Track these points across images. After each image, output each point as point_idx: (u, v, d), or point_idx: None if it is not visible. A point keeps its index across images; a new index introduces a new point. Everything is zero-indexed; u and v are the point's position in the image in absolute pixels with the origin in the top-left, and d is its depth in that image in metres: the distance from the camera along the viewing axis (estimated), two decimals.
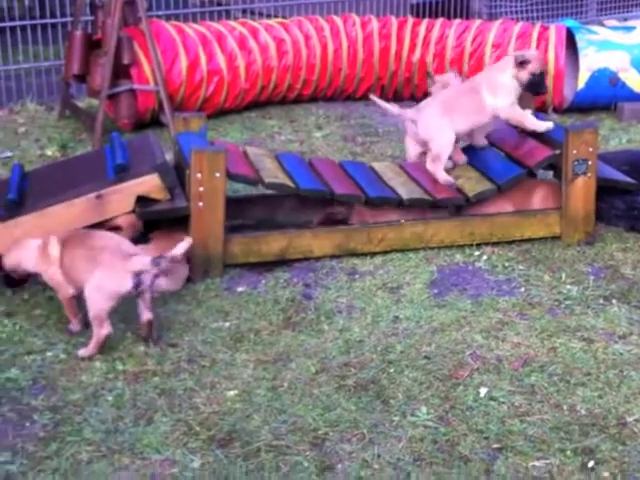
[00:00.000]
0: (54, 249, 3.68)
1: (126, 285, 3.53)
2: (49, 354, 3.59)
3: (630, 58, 6.98)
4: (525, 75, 4.66)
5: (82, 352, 3.57)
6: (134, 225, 4.05)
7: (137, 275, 3.53)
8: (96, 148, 5.85)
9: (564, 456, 2.98)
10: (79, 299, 3.71)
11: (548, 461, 2.96)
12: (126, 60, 6.34)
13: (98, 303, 3.53)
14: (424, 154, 4.89)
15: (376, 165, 5.05)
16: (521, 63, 4.64)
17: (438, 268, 4.39)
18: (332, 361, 3.56)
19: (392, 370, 3.49)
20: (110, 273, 3.53)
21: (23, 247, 3.78)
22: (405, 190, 4.66)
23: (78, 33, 6.50)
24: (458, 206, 4.70)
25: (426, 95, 7.38)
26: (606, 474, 2.89)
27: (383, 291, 4.16)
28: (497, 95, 4.70)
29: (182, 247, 3.66)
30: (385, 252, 4.50)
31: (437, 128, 4.74)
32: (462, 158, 4.89)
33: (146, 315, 3.63)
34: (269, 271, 4.33)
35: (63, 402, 3.28)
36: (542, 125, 4.72)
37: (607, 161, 4.95)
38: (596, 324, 3.85)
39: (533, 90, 4.77)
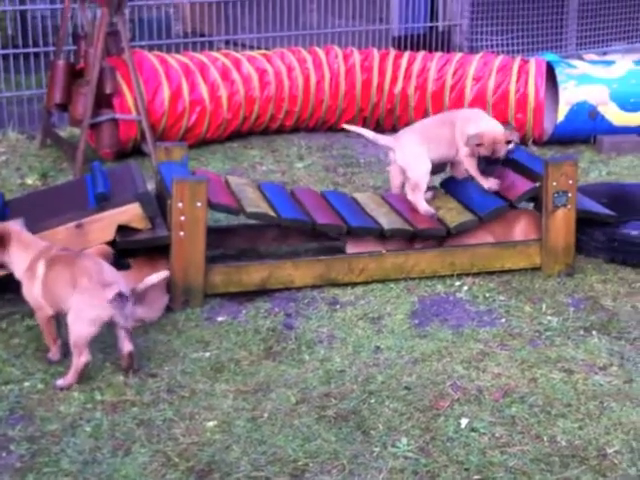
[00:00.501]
0: (39, 269, 3.65)
1: (105, 313, 3.51)
2: (27, 384, 3.55)
3: (609, 92, 7.07)
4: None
5: (60, 382, 3.53)
6: (105, 254, 4.00)
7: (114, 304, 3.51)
8: (77, 177, 5.84)
9: None
10: (59, 324, 3.69)
11: None
12: (108, 90, 6.35)
13: (78, 330, 3.51)
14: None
15: (358, 196, 5.07)
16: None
17: (419, 298, 4.39)
18: (313, 391, 3.54)
19: (373, 401, 3.47)
20: (87, 300, 3.51)
21: (23, 249, 3.71)
22: (386, 220, 4.67)
23: (60, 62, 6.51)
24: (440, 237, 4.71)
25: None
26: None
27: (364, 321, 4.15)
28: (463, 139, 4.76)
29: (156, 278, 3.70)
30: (366, 282, 4.50)
31: (414, 156, 4.78)
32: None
33: (127, 347, 3.61)
34: (250, 301, 4.32)
35: (40, 432, 3.24)
36: (486, 184, 4.75)
37: (586, 193, 4.99)
38: (576, 355, 3.85)
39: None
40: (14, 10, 8.09)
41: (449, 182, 5.05)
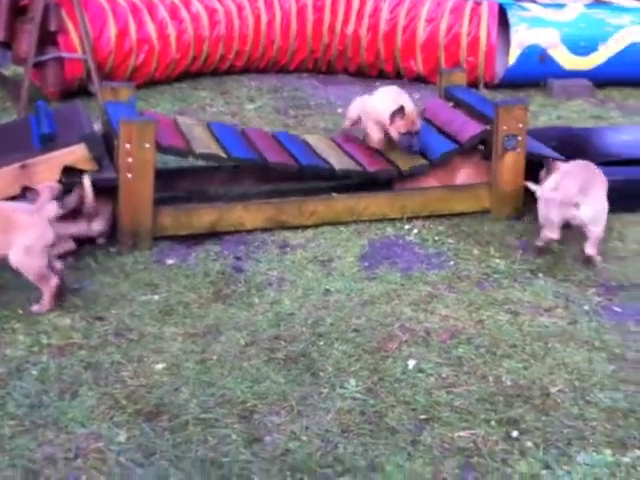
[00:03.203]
0: None
1: (50, 237, 3.58)
2: None
3: (560, 35, 7.07)
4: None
5: (36, 308, 3.59)
6: (53, 192, 3.97)
7: (53, 222, 3.61)
8: (21, 117, 5.71)
9: (489, 426, 3.02)
10: None
11: (473, 431, 3.00)
12: (53, 27, 6.22)
13: (34, 264, 3.54)
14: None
15: (309, 137, 5.04)
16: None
17: (369, 241, 4.40)
18: (262, 334, 3.55)
19: (322, 343, 3.49)
20: (33, 230, 3.53)
21: None
22: (337, 161, 4.66)
23: None
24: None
25: (360, 69, 7.41)
26: (529, 444, 2.94)
27: (314, 264, 4.15)
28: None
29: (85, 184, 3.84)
30: (316, 225, 4.49)
31: None
32: None
33: (58, 265, 3.69)
34: (199, 244, 4.29)
35: None
36: None
37: (536, 137, 5.01)
38: (523, 297, 3.90)
39: None
40: None
41: None
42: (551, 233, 4.18)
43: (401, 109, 4.59)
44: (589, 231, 4.14)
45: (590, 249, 4.15)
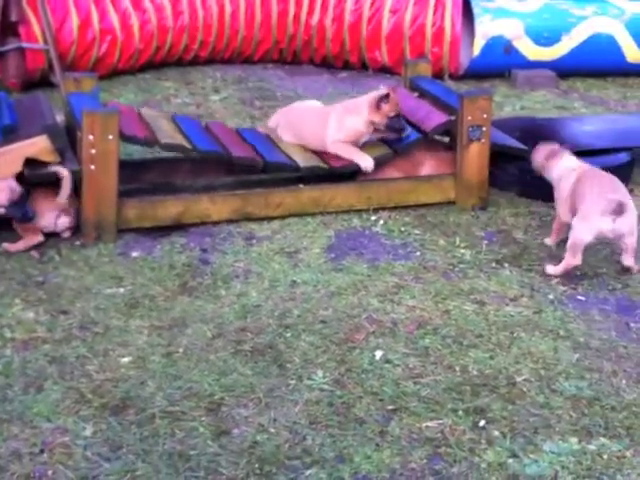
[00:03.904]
0: None
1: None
2: None
3: (524, 26, 7.12)
4: None
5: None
6: (11, 190, 3.94)
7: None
8: None
9: (456, 416, 3.04)
10: None
11: (441, 421, 3.01)
12: (14, 17, 6.16)
13: None
14: None
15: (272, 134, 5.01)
16: None
17: (335, 233, 4.40)
18: (229, 326, 3.53)
19: (289, 334, 3.49)
20: None
21: None
22: (301, 158, 4.64)
23: None
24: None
25: (326, 59, 7.41)
26: (496, 433, 2.96)
27: (280, 256, 4.14)
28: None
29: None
30: (283, 217, 4.48)
31: None
32: None
33: None
34: (165, 236, 4.26)
35: None
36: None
37: (500, 127, 5.04)
38: (488, 287, 3.93)
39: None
40: None
41: None
42: (577, 260, 3.94)
43: (386, 95, 4.57)
44: (627, 242, 3.94)
45: (629, 260, 3.99)
